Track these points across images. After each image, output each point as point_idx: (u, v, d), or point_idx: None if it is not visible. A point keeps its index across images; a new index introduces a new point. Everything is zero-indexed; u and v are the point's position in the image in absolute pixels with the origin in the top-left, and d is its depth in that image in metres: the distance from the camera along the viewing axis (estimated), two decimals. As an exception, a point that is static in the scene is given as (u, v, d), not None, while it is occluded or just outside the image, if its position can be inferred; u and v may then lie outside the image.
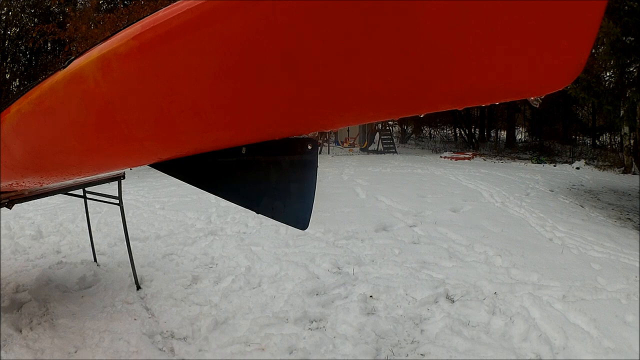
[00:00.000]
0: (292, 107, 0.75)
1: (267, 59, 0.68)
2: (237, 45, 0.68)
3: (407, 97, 0.68)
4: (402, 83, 0.65)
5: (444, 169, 10.21)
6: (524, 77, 0.60)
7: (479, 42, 0.58)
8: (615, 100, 10.61)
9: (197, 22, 0.69)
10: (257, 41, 0.67)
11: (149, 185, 8.27)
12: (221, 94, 0.76)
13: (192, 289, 3.19)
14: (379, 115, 0.75)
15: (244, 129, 0.83)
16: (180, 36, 0.72)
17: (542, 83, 0.60)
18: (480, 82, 0.62)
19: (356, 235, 4.52)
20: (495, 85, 0.62)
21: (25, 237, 4.45)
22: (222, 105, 0.78)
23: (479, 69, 0.60)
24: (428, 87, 0.65)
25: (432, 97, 0.67)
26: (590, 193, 7.79)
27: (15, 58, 15.56)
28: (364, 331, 2.59)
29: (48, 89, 0.97)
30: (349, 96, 0.70)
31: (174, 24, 0.71)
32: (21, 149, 1.24)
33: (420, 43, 0.60)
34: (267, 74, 0.70)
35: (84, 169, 1.26)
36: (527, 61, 0.58)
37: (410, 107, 0.71)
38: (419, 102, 0.69)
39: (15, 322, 2.59)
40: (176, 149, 0.94)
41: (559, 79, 0.59)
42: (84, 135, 1.01)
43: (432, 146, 18.67)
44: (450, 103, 0.67)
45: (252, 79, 0.72)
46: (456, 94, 0.65)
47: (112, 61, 0.80)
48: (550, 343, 2.47)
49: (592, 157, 14.82)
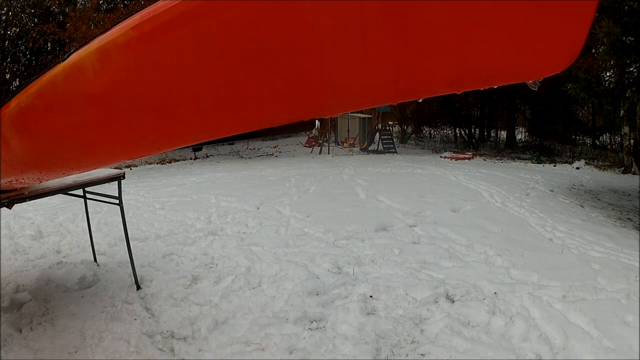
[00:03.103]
0: (290, 93, 0.75)
1: (265, 47, 0.68)
2: (235, 34, 0.69)
3: (405, 81, 0.68)
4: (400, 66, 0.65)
5: (444, 169, 10.20)
6: (522, 60, 0.60)
7: (476, 24, 0.57)
8: (615, 100, 10.60)
9: (195, 12, 0.70)
10: (256, 30, 0.67)
11: (149, 185, 8.27)
12: (220, 83, 0.76)
13: (192, 289, 3.19)
14: (378, 99, 0.75)
15: (243, 118, 0.83)
16: (180, 26, 0.72)
17: (541, 65, 0.60)
18: (479, 64, 0.62)
19: (356, 235, 4.52)
20: (493, 68, 0.62)
21: (25, 237, 4.44)
22: (221, 94, 0.78)
23: (477, 52, 0.60)
24: (426, 71, 0.65)
25: (431, 81, 0.67)
26: (590, 193, 7.79)
27: (15, 58, 15.56)
28: (364, 331, 2.59)
29: (47, 82, 0.97)
30: (347, 81, 0.70)
31: (173, 14, 0.71)
32: (20, 144, 1.23)
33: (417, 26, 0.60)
34: (265, 61, 0.70)
35: (83, 163, 1.25)
36: (525, 43, 0.58)
37: (408, 91, 0.71)
38: (418, 86, 0.69)
39: (15, 322, 2.59)
40: (175, 139, 0.94)
41: (557, 61, 0.59)
42: (84, 127, 1.01)
43: (432, 146, 18.65)
44: (448, 86, 0.67)
45: (251, 68, 0.72)
46: (454, 78, 0.65)
47: (112, 51, 0.80)
48: (550, 343, 2.47)
49: (592, 157, 14.81)
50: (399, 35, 0.61)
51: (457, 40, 0.59)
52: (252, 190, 7.21)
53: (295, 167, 10.65)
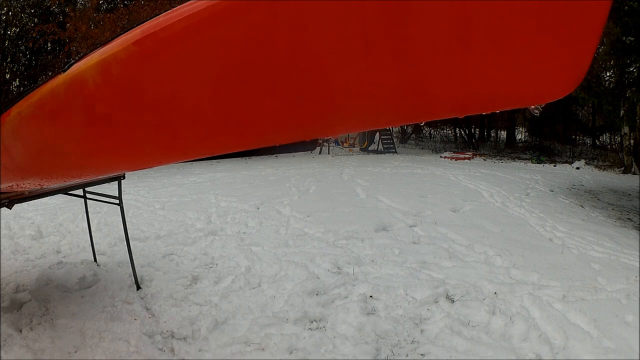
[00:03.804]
0: (292, 113, 0.75)
1: (268, 66, 0.68)
2: (237, 51, 0.69)
3: (407, 105, 0.68)
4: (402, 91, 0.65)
5: (444, 169, 10.20)
6: (525, 86, 0.60)
7: (479, 50, 0.57)
8: (615, 100, 10.61)
9: (197, 28, 0.70)
10: (258, 47, 0.67)
11: (149, 185, 8.27)
12: (221, 100, 0.76)
13: (192, 289, 3.19)
14: (380, 122, 0.75)
15: (244, 136, 0.83)
16: (181, 42, 0.72)
17: (543, 91, 0.60)
18: (481, 90, 0.62)
19: (356, 235, 4.52)
20: (495, 94, 0.62)
21: (25, 237, 4.45)
22: (223, 112, 0.79)
23: (480, 77, 0.60)
24: (428, 96, 0.65)
25: (433, 106, 0.67)
26: (590, 193, 7.79)
27: (15, 58, 15.55)
28: (364, 331, 2.59)
29: (48, 93, 0.97)
30: (350, 104, 0.70)
31: (174, 30, 0.71)
32: (22, 152, 1.24)
33: (420, 51, 0.60)
34: (267, 80, 0.70)
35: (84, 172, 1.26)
36: (527, 69, 0.58)
37: (410, 115, 0.71)
38: (420, 110, 0.69)
39: (15, 322, 2.59)
40: (176, 154, 0.94)
41: (560, 87, 0.59)
42: (85, 139, 1.02)
43: (432, 146, 18.66)
44: (450, 111, 0.67)
45: (253, 85, 0.72)
46: (457, 103, 0.65)
47: (113, 66, 0.81)
48: (550, 343, 2.47)
49: (592, 157, 14.81)
50: (402, 57, 0.61)
51: (460, 65, 0.59)
52: (252, 190, 7.21)
53: (295, 167, 10.65)
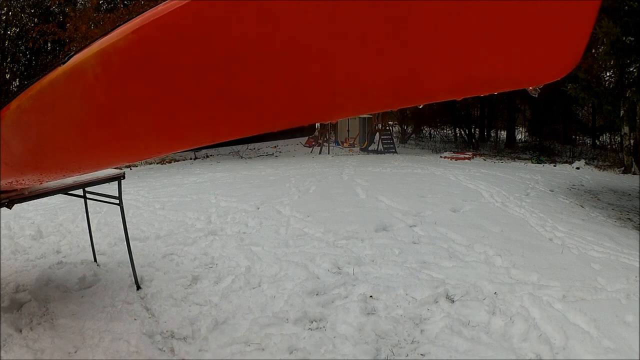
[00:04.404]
0: (291, 98, 0.75)
1: (267, 51, 0.68)
2: (236, 37, 0.69)
3: (405, 88, 0.68)
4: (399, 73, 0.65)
5: (444, 169, 10.20)
6: (523, 66, 0.60)
7: (476, 30, 0.57)
8: (615, 100, 10.60)
9: (197, 16, 0.70)
10: (257, 33, 0.67)
11: (149, 185, 8.27)
12: (222, 87, 0.76)
13: (192, 289, 3.19)
14: (378, 106, 0.75)
15: (245, 122, 0.83)
16: (181, 30, 0.72)
17: (541, 72, 0.60)
18: (478, 71, 0.62)
19: (356, 235, 4.52)
20: (493, 75, 0.62)
21: (25, 237, 4.45)
22: (223, 99, 0.79)
23: (477, 58, 0.60)
24: (426, 77, 0.65)
25: (430, 88, 0.67)
26: (590, 193, 7.79)
27: (15, 58, 15.55)
28: (364, 331, 2.59)
29: (48, 85, 0.97)
30: (347, 86, 0.70)
31: (173, 18, 0.71)
32: (21, 146, 1.24)
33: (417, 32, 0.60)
34: (266, 66, 0.70)
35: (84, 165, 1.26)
36: (525, 50, 0.58)
37: (409, 97, 0.71)
38: (417, 93, 0.69)
39: (15, 322, 2.59)
40: (176, 143, 0.95)
41: (558, 67, 0.59)
42: (84, 130, 1.02)
43: (432, 146, 18.66)
44: (448, 93, 0.67)
45: (252, 72, 0.72)
46: (454, 84, 0.65)
47: (112, 55, 0.80)
48: (550, 343, 2.47)
49: (592, 157, 14.81)
50: (400, 40, 0.61)
51: (457, 47, 0.59)
52: (252, 190, 7.21)
53: (295, 167, 10.65)
